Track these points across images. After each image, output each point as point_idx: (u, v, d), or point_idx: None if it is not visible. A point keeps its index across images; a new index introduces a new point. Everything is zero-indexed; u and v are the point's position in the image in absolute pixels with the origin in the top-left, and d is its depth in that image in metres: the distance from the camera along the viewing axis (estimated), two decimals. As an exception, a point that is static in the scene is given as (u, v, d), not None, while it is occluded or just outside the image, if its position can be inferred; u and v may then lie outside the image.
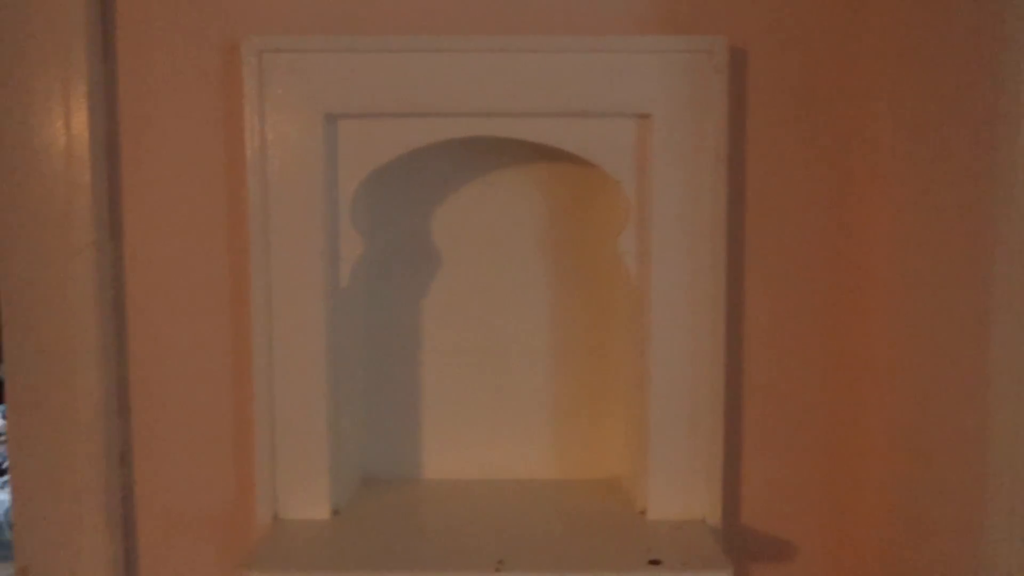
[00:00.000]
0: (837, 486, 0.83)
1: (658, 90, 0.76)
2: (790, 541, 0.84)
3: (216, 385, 0.82)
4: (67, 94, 0.78)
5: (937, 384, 0.70)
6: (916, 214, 0.73)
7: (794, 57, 0.79)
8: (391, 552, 0.73)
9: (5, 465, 3.39)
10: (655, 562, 0.70)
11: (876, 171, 0.79)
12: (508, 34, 0.78)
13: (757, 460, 0.83)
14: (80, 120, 0.78)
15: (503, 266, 0.88)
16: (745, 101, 0.80)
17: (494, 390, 0.89)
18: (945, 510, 0.68)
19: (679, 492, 0.80)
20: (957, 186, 0.66)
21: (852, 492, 0.83)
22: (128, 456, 0.83)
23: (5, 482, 3.33)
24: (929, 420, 0.71)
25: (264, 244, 0.77)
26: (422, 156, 0.81)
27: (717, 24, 0.79)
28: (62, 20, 0.77)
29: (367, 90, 0.76)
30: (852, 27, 0.79)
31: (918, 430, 0.73)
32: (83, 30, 0.77)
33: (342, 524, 0.79)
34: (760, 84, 0.79)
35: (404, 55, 0.76)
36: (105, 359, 0.80)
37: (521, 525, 0.79)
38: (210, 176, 0.80)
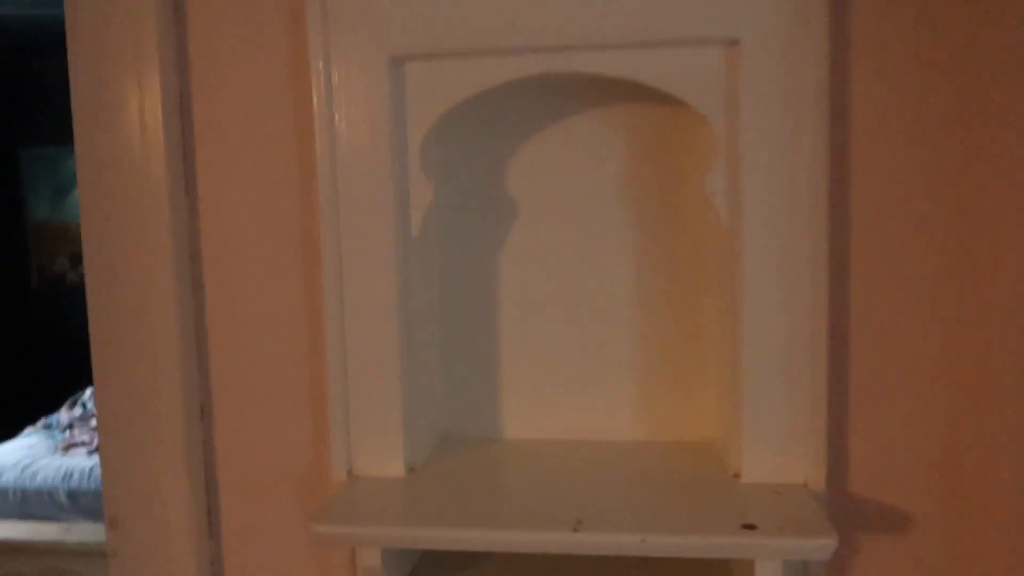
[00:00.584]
0: (959, 449, 0.74)
1: (749, 13, 0.69)
2: (904, 510, 0.76)
3: (291, 339, 0.81)
4: (139, 54, 0.78)
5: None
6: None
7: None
8: (464, 509, 0.70)
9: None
10: (749, 526, 0.64)
11: (1008, 100, 0.70)
12: (582, -40, 0.73)
13: (867, 420, 0.75)
14: (153, 79, 0.78)
15: (583, 214, 0.83)
16: (850, 25, 0.71)
17: (576, 345, 0.85)
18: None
19: (777, 454, 0.73)
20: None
21: (976, 455, 0.74)
22: (208, 411, 0.83)
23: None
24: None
25: (332, 193, 0.75)
26: (495, 99, 0.77)
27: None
28: (134, -26, 0.77)
29: (432, 29, 0.72)
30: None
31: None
32: (153, -18, 0.77)
33: (417, 481, 0.76)
34: (868, 5, 0.71)
35: (471, -11, 0.72)
36: (183, 316, 0.80)
37: (603, 486, 0.74)
38: (279, 126, 0.79)
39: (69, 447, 3.32)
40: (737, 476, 0.74)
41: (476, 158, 0.84)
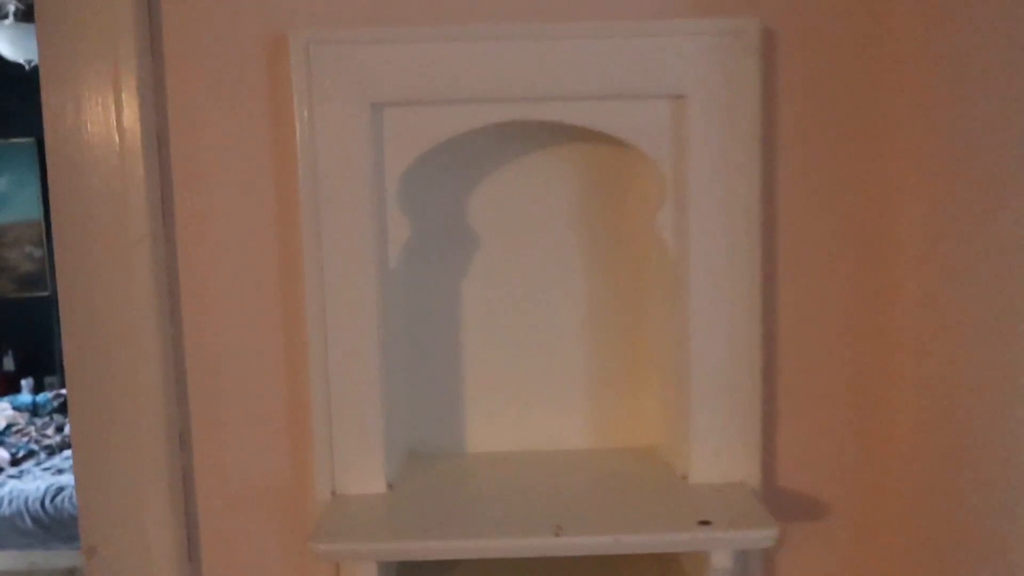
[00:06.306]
0: (868, 446, 0.87)
1: (693, 72, 0.79)
2: (822, 500, 0.88)
3: (271, 367, 0.84)
4: (118, 90, 0.80)
5: (965, 347, 0.73)
6: (946, 190, 0.76)
7: (824, 37, 0.82)
8: (451, 521, 0.77)
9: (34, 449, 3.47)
10: (705, 523, 0.74)
11: (907, 150, 0.82)
12: (547, 22, 0.80)
13: (792, 422, 0.87)
14: (132, 115, 0.80)
15: (539, 243, 0.91)
16: (777, 81, 0.82)
17: (532, 362, 0.92)
18: (975, 468, 0.72)
19: (719, 457, 0.83)
20: (986, 169, 0.70)
21: (883, 452, 0.86)
22: (187, 438, 0.85)
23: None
24: (958, 380, 0.75)
25: (315, 229, 0.79)
26: (461, 141, 0.83)
27: (749, 5, 0.81)
28: (110, 17, 0.79)
29: (411, 79, 0.78)
30: (880, 8, 0.82)
31: (946, 390, 0.77)
32: (131, 26, 0.79)
33: (398, 497, 0.82)
34: (791, 64, 0.82)
35: (446, 44, 0.78)
36: (163, 345, 0.83)
37: (570, 492, 0.82)
38: (259, 164, 0.82)
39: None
40: (685, 477, 0.84)
41: (441, 193, 0.90)
